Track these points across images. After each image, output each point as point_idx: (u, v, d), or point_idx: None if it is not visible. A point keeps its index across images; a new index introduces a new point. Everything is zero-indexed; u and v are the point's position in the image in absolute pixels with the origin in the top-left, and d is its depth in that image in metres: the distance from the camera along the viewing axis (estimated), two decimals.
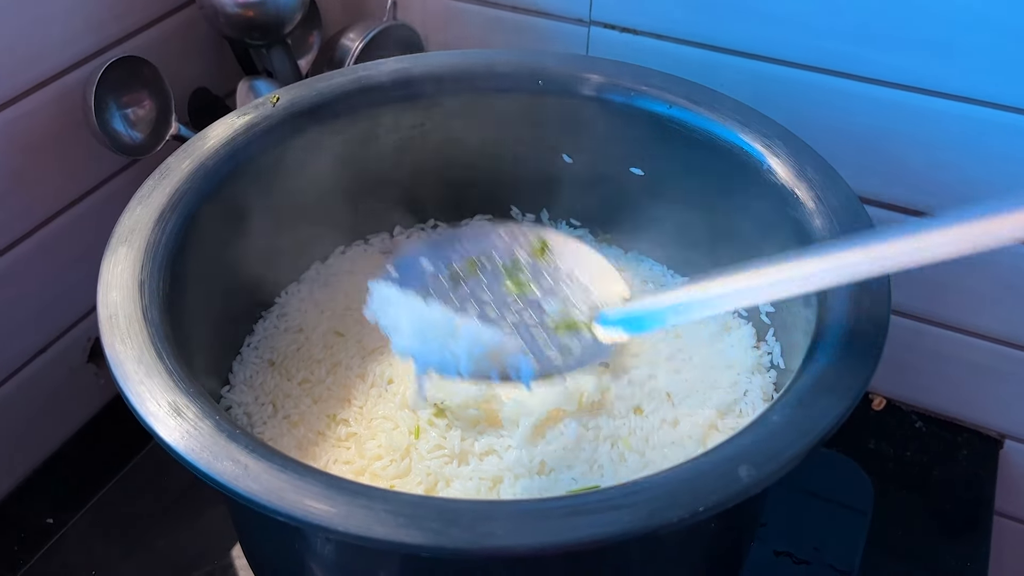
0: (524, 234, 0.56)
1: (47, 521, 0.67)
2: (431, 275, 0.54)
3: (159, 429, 0.42)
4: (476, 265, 0.54)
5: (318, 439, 0.55)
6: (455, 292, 0.53)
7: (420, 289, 0.53)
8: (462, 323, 0.50)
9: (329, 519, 0.38)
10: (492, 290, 0.53)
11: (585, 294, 0.53)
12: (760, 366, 0.58)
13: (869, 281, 0.48)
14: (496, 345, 0.49)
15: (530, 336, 0.51)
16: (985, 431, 0.75)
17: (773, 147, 0.56)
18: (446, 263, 0.55)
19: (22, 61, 0.63)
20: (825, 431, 0.41)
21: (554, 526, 0.37)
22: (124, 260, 0.49)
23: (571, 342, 0.51)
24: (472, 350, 0.48)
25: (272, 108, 0.60)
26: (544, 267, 0.55)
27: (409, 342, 0.50)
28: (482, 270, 0.54)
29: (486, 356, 0.49)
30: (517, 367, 0.49)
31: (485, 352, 0.49)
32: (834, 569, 0.63)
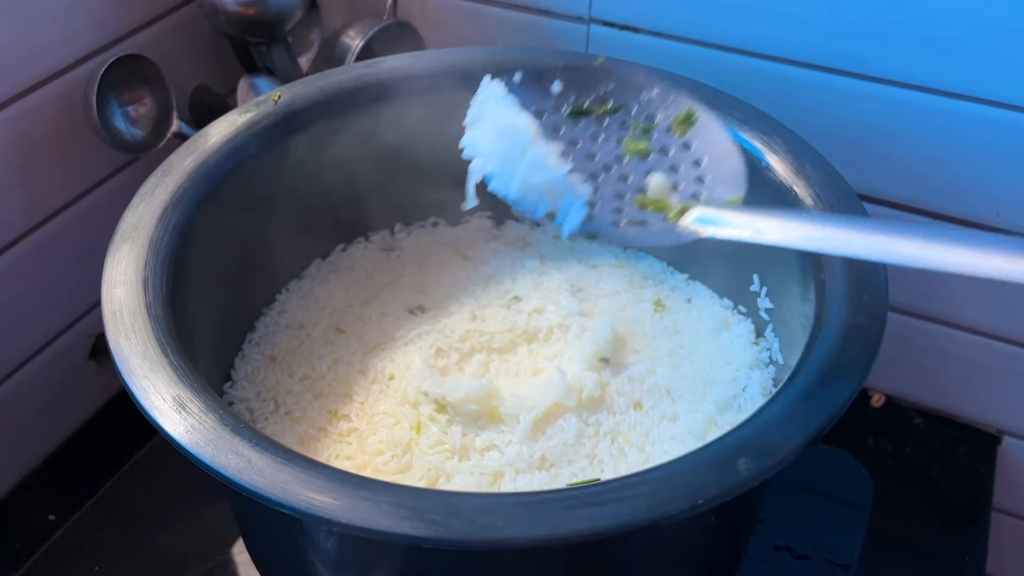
0: (676, 99, 0.52)
1: (49, 518, 0.67)
2: (555, 97, 0.51)
3: (164, 423, 0.42)
4: (607, 109, 0.51)
5: (319, 435, 0.56)
6: (565, 123, 0.50)
7: (531, 103, 0.50)
8: (538, 146, 0.48)
9: (333, 511, 0.38)
10: (606, 139, 0.50)
11: (697, 183, 0.49)
12: (759, 362, 0.59)
13: (866, 275, 0.48)
14: (557, 181, 0.47)
15: (608, 194, 0.48)
16: (984, 427, 0.76)
17: (771, 144, 0.56)
18: (579, 93, 0.51)
19: (24, 59, 0.63)
20: (823, 425, 0.42)
21: (555, 518, 0.38)
22: (128, 256, 0.50)
23: (647, 218, 0.48)
24: (530, 175, 0.47)
25: (274, 106, 0.60)
26: (675, 141, 0.51)
27: (481, 140, 0.48)
28: (610, 115, 0.51)
29: (541, 187, 0.47)
30: (567, 211, 0.47)
31: (542, 183, 0.47)
32: (833, 564, 0.63)
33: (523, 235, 0.70)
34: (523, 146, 0.48)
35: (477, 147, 0.49)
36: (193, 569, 0.63)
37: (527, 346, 0.61)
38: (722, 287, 0.64)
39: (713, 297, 0.64)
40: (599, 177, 0.49)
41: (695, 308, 0.64)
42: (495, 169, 0.48)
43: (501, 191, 0.48)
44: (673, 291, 0.65)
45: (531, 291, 0.64)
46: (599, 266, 0.67)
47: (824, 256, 0.50)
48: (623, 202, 0.49)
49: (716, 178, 0.49)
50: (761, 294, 0.59)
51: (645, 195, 0.49)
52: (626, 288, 0.65)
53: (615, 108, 0.52)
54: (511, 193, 0.48)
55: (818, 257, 0.51)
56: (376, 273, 0.66)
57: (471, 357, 0.60)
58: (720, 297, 0.64)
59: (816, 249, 0.43)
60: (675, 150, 0.50)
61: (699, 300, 0.64)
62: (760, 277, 0.60)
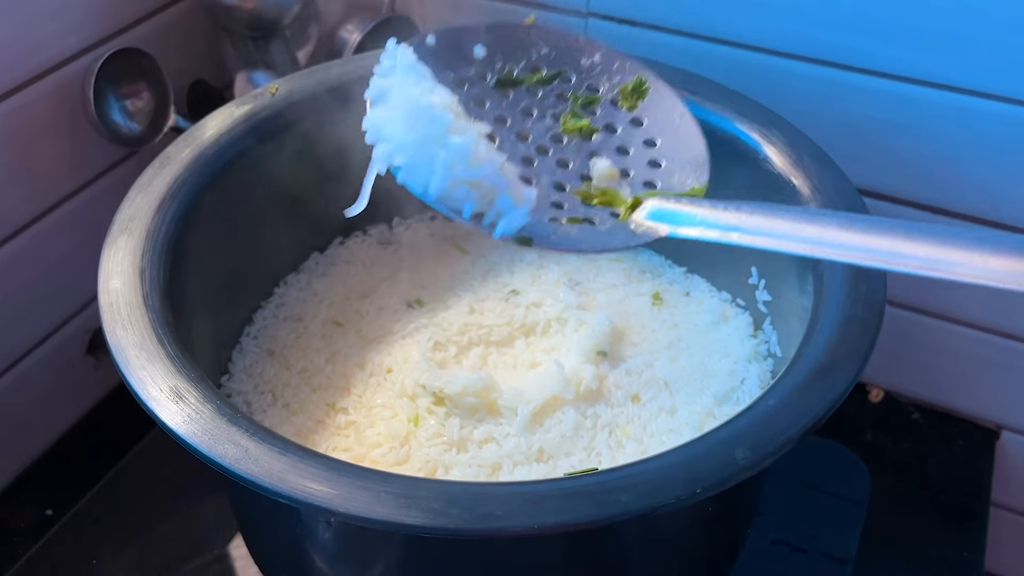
0: (624, 66, 0.44)
1: (46, 512, 0.67)
2: (479, 63, 0.43)
3: (161, 413, 0.42)
4: (541, 77, 0.43)
5: (317, 427, 0.56)
6: (491, 96, 0.42)
7: (451, 72, 0.42)
8: (462, 131, 0.39)
9: (330, 500, 0.38)
10: (540, 115, 0.42)
11: (651, 168, 0.42)
12: (757, 354, 0.59)
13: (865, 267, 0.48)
14: (489, 176, 0.39)
15: (545, 184, 0.41)
16: (982, 422, 0.76)
17: (770, 136, 0.56)
18: (507, 59, 0.43)
19: (21, 52, 0.63)
20: (820, 415, 0.42)
21: (553, 507, 0.38)
22: (124, 248, 0.50)
23: (593, 214, 0.41)
24: (455, 168, 0.39)
25: (271, 98, 0.60)
26: (624, 116, 0.43)
27: (387, 123, 0.41)
28: (544, 86, 0.43)
29: (469, 183, 0.39)
30: (500, 211, 0.40)
31: (470, 178, 0.39)
32: (831, 557, 0.63)
33: None
34: (443, 130, 0.40)
35: (382, 132, 0.41)
36: (191, 563, 0.63)
37: (525, 339, 0.61)
38: (720, 280, 0.64)
39: (711, 290, 0.64)
40: (534, 163, 0.42)
41: (693, 301, 0.64)
42: (408, 160, 0.41)
43: (415, 188, 0.41)
44: (671, 284, 0.65)
45: (529, 285, 0.64)
46: (597, 260, 0.67)
47: None
48: (563, 195, 0.41)
49: (674, 162, 0.42)
50: (759, 287, 0.59)
51: (590, 185, 0.42)
52: (624, 282, 0.65)
53: (550, 77, 0.44)
54: (430, 190, 0.40)
55: None
56: (374, 267, 0.66)
57: (469, 350, 0.60)
58: (718, 290, 0.64)
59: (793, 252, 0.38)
60: (623, 128, 0.43)
61: (697, 293, 0.64)
62: (758, 270, 0.60)
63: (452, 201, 0.41)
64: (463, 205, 0.40)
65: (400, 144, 0.41)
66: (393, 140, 0.41)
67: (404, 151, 0.41)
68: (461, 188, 0.40)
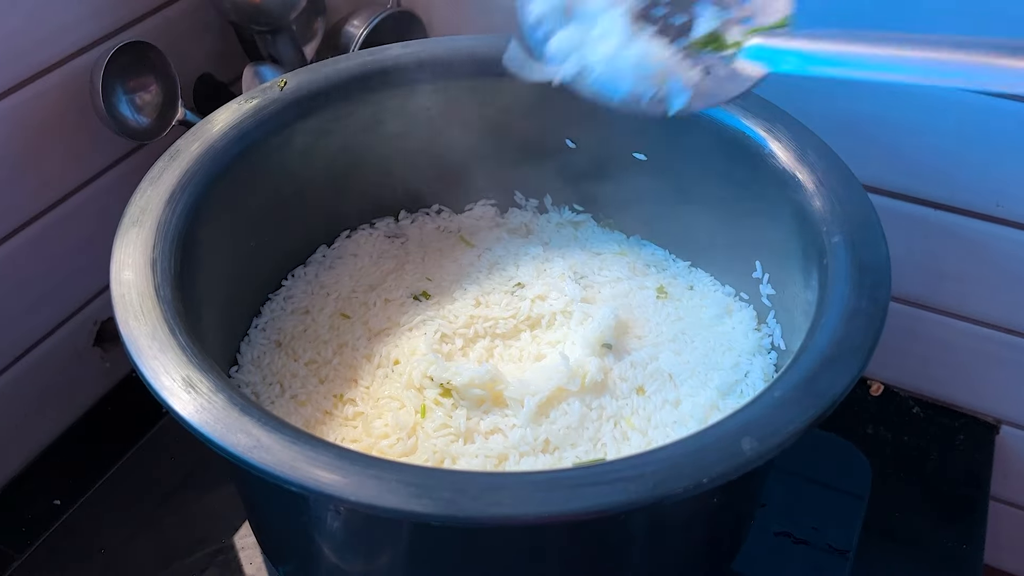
0: None
1: (54, 502, 0.68)
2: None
3: (173, 403, 0.42)
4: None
5: (325, 418, 0.56)
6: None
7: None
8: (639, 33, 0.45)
9: (341, 489, 0.39)
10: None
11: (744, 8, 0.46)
12: (761, 348, 0.59)
13: (869, 260, 0.49)
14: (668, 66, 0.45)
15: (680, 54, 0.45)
16: (982, 416, 0.76)
17: (775, 131, 0.57)
18: None
19: (30, 46, 0.63)
20: (826, 407, 0.42)
21: (561, 496, 0.38)
22: (136, 240, 0.50)
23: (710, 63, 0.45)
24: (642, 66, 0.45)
25: (279, 92, 0.61)
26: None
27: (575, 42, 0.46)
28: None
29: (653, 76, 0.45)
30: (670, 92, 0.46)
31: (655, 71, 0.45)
32: (832, 548, 0.64)
33: (526, 222, 0.70)
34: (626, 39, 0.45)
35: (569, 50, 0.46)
36: (198, 552, 0.63)
37: (530, 332, 0.61)
38: (724, 274, 0.65)
39: (715, 284, 0.65)
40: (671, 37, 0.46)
41: (697, 295, 0.64)
42: (601, 71, 0.46)
43: (607, 92, 0.46)
44: (675, 278, 0.66)
45: (534, 278, 0.65)
46: (602, 253, 0.68)
47: (827, 242, 0.51)
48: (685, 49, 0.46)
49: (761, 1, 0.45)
50: (763, 280, 0.60)
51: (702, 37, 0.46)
52: (629, 275, 0.65)
53: None
54: (620, 92, 0.46)
55: (821, 243, 0.51)
56: (381, 260, 0.67)
57: (475, 343, 0.60)
58: (722, 284, 0.65)
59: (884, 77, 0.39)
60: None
61: (701, 287, 0.65)
62: (762, 264, 0.60)
63: (637, 93, 0.46)
64: (645, 94, 0.46)
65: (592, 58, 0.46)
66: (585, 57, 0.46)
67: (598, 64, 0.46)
68: (646, 82, 0.46)
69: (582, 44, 0.46)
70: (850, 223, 0.51)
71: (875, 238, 0.50)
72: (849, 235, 0.50)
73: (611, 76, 0.46)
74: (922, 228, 0.69)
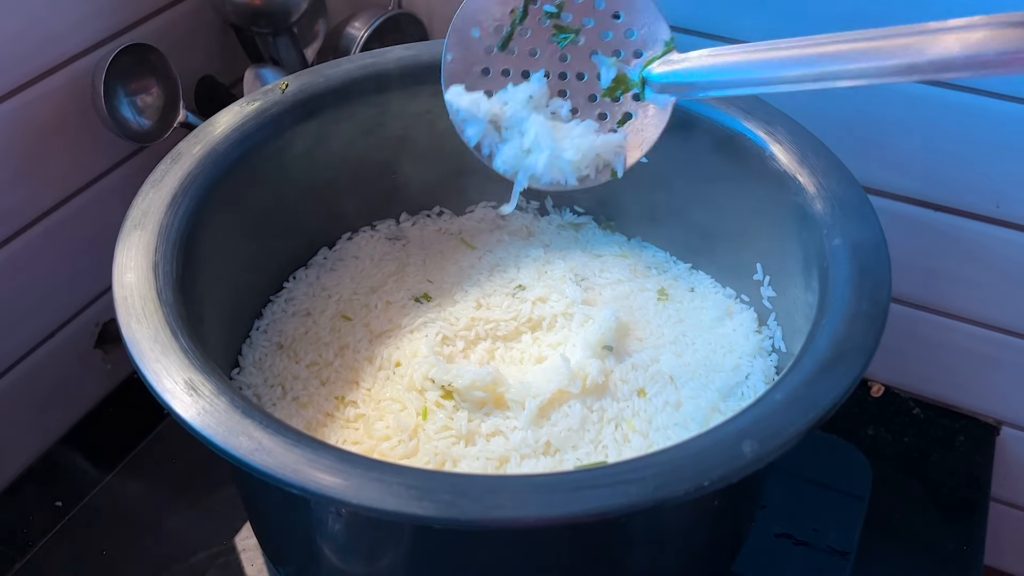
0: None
1: (56, 504, 0.68)
2: (484, 46, 0.52)
3: (175, 406, 0.42)
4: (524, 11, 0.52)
5: (326, 420, 0.56)
6: (510, 61, 0.52)
7: (477, 75, 0.52)
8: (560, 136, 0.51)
9: (343, 491, 0.39)
10: (540, 42, 0.52)
11: (630, 39, 0.51)
12: (762, 350, 0.59)
13: (870, 263, 0.49)
14: (593, 148, 0.51)
15: (584, 104, 0.52)
16: (982, 418, 0.76)
17: (775, 134, 0.57)
18: (493, 22, 0.52)
19: (32, 48, 0.63)
20: (827, 409, 0.42)
21: (562, 498, 0.38)
22: (138, 243, 0.50)
23: (631, 107, 0.51)
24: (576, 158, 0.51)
25: (281, 95, 0.61)
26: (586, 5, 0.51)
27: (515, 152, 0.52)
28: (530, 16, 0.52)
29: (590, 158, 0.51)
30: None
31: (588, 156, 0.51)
32: (832, 550, 0.64)
33: (527, 224, 0.70)
34: (552, 144, 0.51)
35: (514, 166, 0.52)
36: (200, 554, 0.63)
37: (531, 334, 0.61)
38: (725, 276, 0.65)
39: (716, 286, 0.65)
40: (570, 91, 0.52)
41: (698, 297, 0.64)
42: (549, 176, 0.52)
43: (560, 184, 0.53)
44: (676, 280, 0.66)
45: (535, 280, 0.65)
46: (603, 255, 0.68)
47: (827, 244, 0.51)
48: (600, 104, 0.52)
49: (643, 28, 0.50)
50: (764, 283, 0.60)
51: (609, 84, 0.51)
52: (629, 277, 0.65)
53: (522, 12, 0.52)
54: (570, 180, 0.52)
55: (821, 245, 0.51)
56: (382, 262, 0.67)
57: (476, 345, 0.60)
58: (723, 286, 0.65)
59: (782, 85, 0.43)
60: (594, 15, 0.51)
61: (702, 289, 0.65)
62: (763, 266, 0.60)
63: (583, 177, 0.53)
64: (591, 173, 0.53)
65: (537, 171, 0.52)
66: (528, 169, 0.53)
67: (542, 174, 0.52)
68: (586, 166, 0.53)
69: (522, 158, 0.52)
70: (850, 225, 0.51)
71: (875, 240, 0.50)
72: (849, 237, 0.51)
73: (557, 175, 0.52)
74: (922, 230, 0.69)
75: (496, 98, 0.52)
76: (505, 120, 0.52)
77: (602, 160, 0.52)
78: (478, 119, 0.52)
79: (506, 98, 0.52)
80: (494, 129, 0.52)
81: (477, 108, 0.52)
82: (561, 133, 0.52)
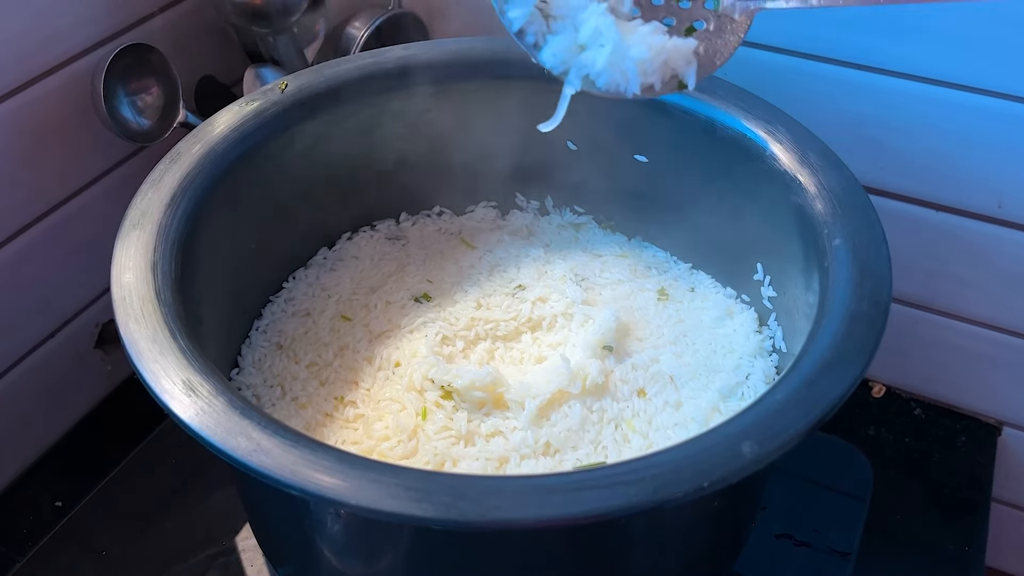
0: None
1: (56, 504, 0.68)
2: None
3: (174, 406, 0.42)
4: None
5: (326, 420, 0.56)
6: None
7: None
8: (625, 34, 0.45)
9: (341, 493, 0.39)
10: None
11: None
12: (762, 350, 0.59)
13: (870, 263, 0.49)
14: (662, 54, 0.46)
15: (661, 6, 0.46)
16: (984, 418, 0.76)
17: (775, 133, 0.57)
18: None
19: (31, 48, 0.63)
20: (827, 409, 0.42)
21: (561, 500, 0.38)
22: (137, 243, 0.50)
23: (700, 14, 0.46)
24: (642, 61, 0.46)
25: (280, 94, 0.61)
26: None
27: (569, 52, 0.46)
28: None
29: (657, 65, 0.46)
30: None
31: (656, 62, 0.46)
32: (833, 551, 0.64)
33: (527, 224, 0.70)
34: (618, 41, 0.46)
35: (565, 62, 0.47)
36: (199, 555, 0.63)
37: (531, 334, 0.61)
38: (725, 276, 0.65)
39: (716, 286, 0.65)
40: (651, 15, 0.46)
41: (698, 297, 0.64)
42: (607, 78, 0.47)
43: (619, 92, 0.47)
44: (676, 280, 0.66)
45: (535, 280, 0.65)
46: (603, 255, 0.68)
47: (828, 244, 0.51)
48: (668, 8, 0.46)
49: None
50: (764, 283, 0.60)
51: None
52: (630, 277, 0.65)
53: None
54: (631, 88, 0.47)
55: (822, 245, 0.51)
56: (382, 262, 0.67)
57: (476, 345, 0.60)
58: (723, 286, 0.65)
59: None
60: None
61: (702, 289, 0.65)
62: (764, 266, 0.60)
63: (646, 85, 0.47)
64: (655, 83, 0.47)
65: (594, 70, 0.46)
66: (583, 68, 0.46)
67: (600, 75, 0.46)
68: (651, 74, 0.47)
69: (575, 54, 0.46)
70: (851, 225, 0.51)
71: (876, 240, 0.50)
72: (850, 237, 0.50)
73: (617, 79, 0.46)
74: (923, 229, 0.69)
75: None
76: (556, 6, 0.46)
77: (669, 69, 0.46)
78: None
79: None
80: (542, 16, 0.46)
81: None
82: (626, 28, 0.46)
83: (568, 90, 0.46)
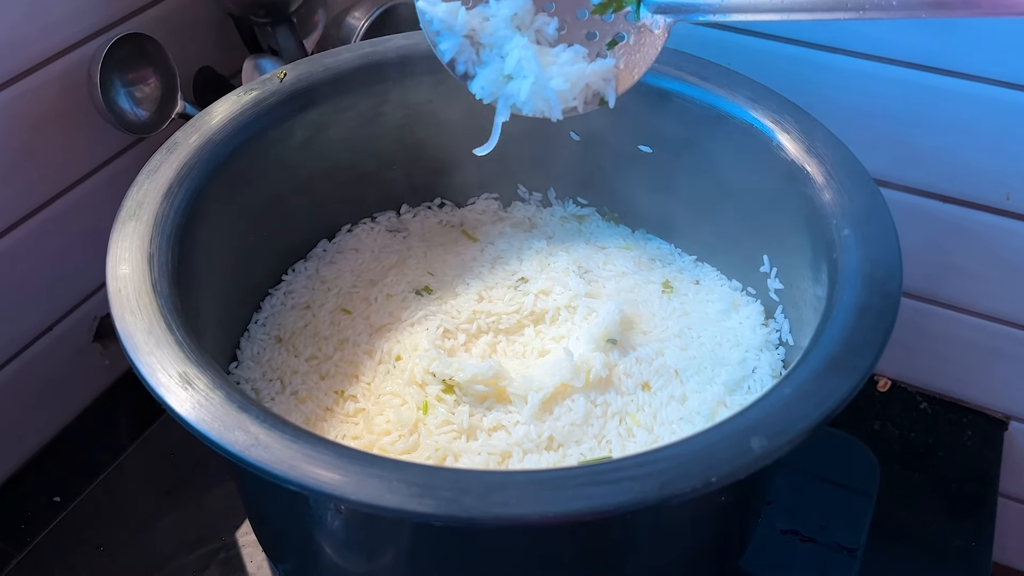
0: None
1: (54, 499, 0.67)
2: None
3: (170, 400, 0.42)
4: None
5: (326, 415, 0.56)
6: None
7: None
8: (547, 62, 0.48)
9: (341, 488, 0.38)
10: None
11: None
12: (768, 343, 0.58)
13: (880, 255, 0.48)
14: (582, 77, 0.48)
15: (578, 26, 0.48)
16: (990, 412, 0.75)
17: (783, 123, 0.56)
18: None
19: (28, 38, 0.63)
20: (837, 404, 0.41)
21: (566, 495, 0.38)
22: (133, 234, 0.49)
23: (623, 28, 0.48)
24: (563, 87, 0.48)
25: (279, 84, 0.60)
26: None
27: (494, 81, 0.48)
28: None
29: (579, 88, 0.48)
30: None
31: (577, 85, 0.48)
32: (840, 546, 0.63)
33: (530, 216, 0.69)
34: (539, 71, 0.48)
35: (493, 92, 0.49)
36: (198, 550, 0.62)
37: (534, 327, 0.60)
38: (731, 269, 0.64)
39: (722, 279, 0.64)
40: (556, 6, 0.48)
41: (703, 290, 0.63)
42: (533, 105, 0.49)
43: (546, 115, 0.49)
44: (681, 273, 0.65)
45: (538, 272, 0.64)
46: (606, 247, 0.67)
47: (837, 235, 0.50)
48: (591, 22, 0.48)
49: None
50: (771, 275, 0.59)
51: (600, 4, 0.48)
52: (634, 270, 0.64)
53: None
54: (555, 112, 0.49)
55: (830, 236, 0.50)
56: (382, 254, 0.66)
57: (478, 338, 0.59)
58: (729, 279, 0.64)
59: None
60: None
61: (707, 282, 0.64)
62: (770, 258, 0.59)
63: (570, 108, 0.49)
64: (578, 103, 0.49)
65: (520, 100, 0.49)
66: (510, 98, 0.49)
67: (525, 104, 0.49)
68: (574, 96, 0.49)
69: (502, 84, 0.48)
70: (860, 216, 0.50)
71: (886, 232, 0.49)
72: (859, 229, 0.50)
73: (541, 104, 0.48)
74: (931, 222, 0.68)
75: (476, 11, 0.48)
76: (485, 37, 0.48)
77: (591, 90, 0.49)
78: (454, 32, 0.48)
79: (487, 12, 0.48)
80: (471, 45, 0.49)
81: (454, 19, 0.48)
82: (547, 59, 0.48)
83: (499, 119, 0.49)
